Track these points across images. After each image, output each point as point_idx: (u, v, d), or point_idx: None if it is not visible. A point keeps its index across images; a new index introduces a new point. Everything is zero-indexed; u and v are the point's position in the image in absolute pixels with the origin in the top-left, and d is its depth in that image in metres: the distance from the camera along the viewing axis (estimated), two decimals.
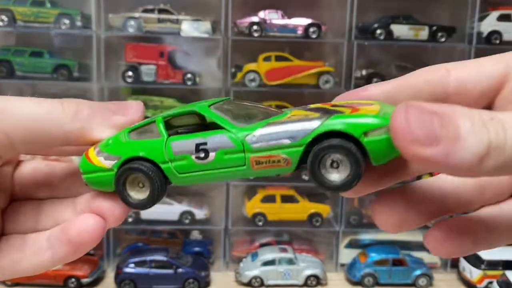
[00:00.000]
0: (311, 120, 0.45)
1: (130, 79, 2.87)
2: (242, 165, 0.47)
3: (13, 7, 2.79)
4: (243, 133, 0.47)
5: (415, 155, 0.38)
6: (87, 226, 0.50)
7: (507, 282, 2.57)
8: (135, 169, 0.50)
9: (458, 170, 0.37)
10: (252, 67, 2.90)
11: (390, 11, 2.93)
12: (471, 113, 0.38)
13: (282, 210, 3.00)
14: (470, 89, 0.47)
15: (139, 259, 2.77)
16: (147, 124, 0.52)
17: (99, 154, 0.51)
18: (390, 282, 2.88)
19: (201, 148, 0.48)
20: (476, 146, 0.36)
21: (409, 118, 0.38)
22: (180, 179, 0.50)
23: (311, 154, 0.45)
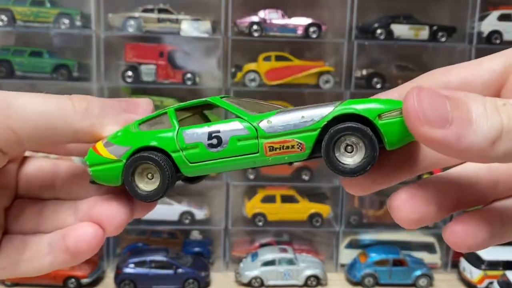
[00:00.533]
0: (324, 106, 0.46)
1: (130, 79, 2.86)
2: (255, 152, 0.47)
3: (12, 7, 2.79)
4: (257, 120, 0.48)
5: (426, 137, 0.38)
6: (85, 236, 0.49)
7: (507, 282, 2.57)
8: (146, 158, 0.49)
9: (469, 153, 0.38)
10: (252, 67, 2.89)
11: (390, 11, 2.93)
12: (483, 99, 0.38)
13: (282, 210, 3.00)
14: (473, 84, 0.47)
15: (139, 259, 2.77)
16: (158, 115, 0.52)
17: (107, 146, 0.50)
18: (390, 283, 2.87)
19: (214, 135, 0.48)
20: (487, 130, 0.37)
21: (422, 99, 0.38)
22: (192, 169, 0.49)
23: (326, 136, 0.45)
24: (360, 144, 0.45)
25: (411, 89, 0.39)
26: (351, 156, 0.46)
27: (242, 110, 0.49)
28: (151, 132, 0.50)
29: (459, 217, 0.45)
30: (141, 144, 0.49)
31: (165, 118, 0.51)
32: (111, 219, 0.50)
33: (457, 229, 0.45)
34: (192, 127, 0.49)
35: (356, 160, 0.45)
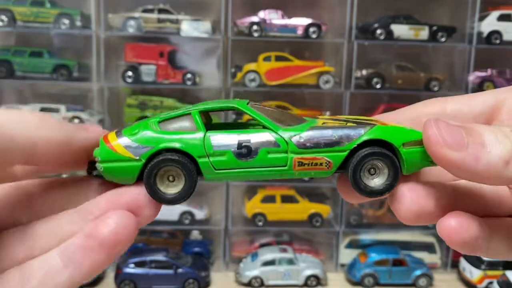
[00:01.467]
0: (354, 128, 0.49)
1: (130, 79, 2.86)
2: (283, 166, 0.48)
3: (13, 7, 2.79)
4: (289, 134, 0.48)
5: (447, 159, 0.43)
6: (121, 222, 0.44)
7: (507, 282, 2.57)
8: (174, 161, 0.47)
9: (485, 174, 0.42)
10: (252, 67, 2.89)
11: (390, 11, 2.93)
12: (492, 127, 0.44)
13: (282, 210, 3.00)
14: (466, 114, 0.52)
15: (139, 259, 2.77)
16: (180, 115, 0.50)
17: (123, 142, 0.48)
18: (390, 282, 2.87)
19: (244, 145, 0.48)
20: (501, 151, 0.42)
21: (440, 127, 0.43)
22: (216, 175, 0.48)
23: (355, 158, 0.48)
24: (384, 169, 0.49)
25: (428, 120, 0.45)
26: (372, 178, 0.49)
27: (272, 122, 0.49)
28: (174, 133, 0.48)
29: (453, 212, 0.47)
30: (164, 146, 0.48)
31: (189, 119, 0.49)
32: (147, 199, 0.47)
33: (451, 222, 0.46)
34: (220, 132, 0.48)
35: (377, 183, 0.49)
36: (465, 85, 2.95)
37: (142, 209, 0.47)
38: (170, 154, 0.48)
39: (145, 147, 0.48)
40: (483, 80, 2.96)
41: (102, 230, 0.44)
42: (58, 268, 0.44)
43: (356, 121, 0.51)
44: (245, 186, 3.12)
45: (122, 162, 0.48)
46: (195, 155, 0.48)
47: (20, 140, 0.43)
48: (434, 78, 2.97)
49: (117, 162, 0.48)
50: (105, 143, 0.48)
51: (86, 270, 0.44)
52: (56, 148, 0.46)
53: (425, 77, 2.98)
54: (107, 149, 0.48)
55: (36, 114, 0.45)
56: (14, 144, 0.43)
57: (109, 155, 0.48)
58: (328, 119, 0.53)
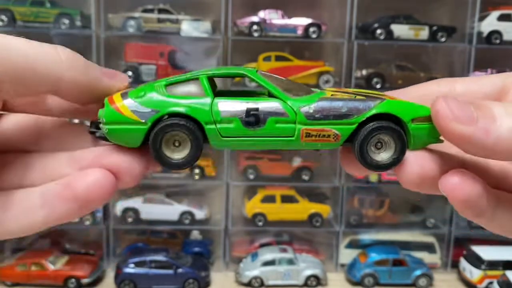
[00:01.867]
0: (364, 101, 0.48)
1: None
2: (291, 136, 0.48)
3: (13, 7, 2.79)
4: (298, 104, 0.47)
5: (456, 133, 0.42)
6: (98, 181, 0.45)
7: (507, 282, 2.57)
8: (180, 126, 0.47)
9: (497, 147, 0.41)
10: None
11: (390, 11, 2.93)
12: (501, 103, 0.43)
13: (282, 210, 3.00)
14: (475, 94, 0.52)
15: (139, 259, 2.77)
16: (188, 80, 0.49)
17: (130, 105, 0.47)
18: (390, 282, 2.87)
19: (252, 113, 0.47)
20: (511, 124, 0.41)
21: (449, 103, 0.43)
22: (222, 142, 0.48)
23: (363, 131, 0.48)
24: (391, 144, 0.49)
25: (437, 97, 0.44)
26: (379, 153, 0.49)
27: (281, 91, 0.48)
28: (181, 97, 0.48)
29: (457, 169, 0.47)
30: (171, 110, 0.47)
31: (197, 84, 0.49)
32: (129, 166, 0.47)
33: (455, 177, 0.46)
34: (228, 98, 0.48)
35: (383, 157, 0.49)
36: None
37: (123, 174, 0.47)
38: (177, 119, 0.47)
39: (152, 111, 0.47)
40: None
41: (80, 184, 0.45)
42: (35, 207, 0.45)
43: (366, 95, 0.50)
44: (245, 186, 3.12)
45: (128, 124, 0.47)
46: (202, 121, 0.47)
47: (43, 74, 0.44)
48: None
49: (122, 124, 0.47)
50: (110, 104, 0.47)
51: (58, 216, 0.46)
52: (79, 89, 0.47)
53: (425, 77, 2.98)
54: (113, 110, 0.47)
55: (66, 53, 0.47)
56: (36, 76, 0.44)
57: (114, 116, 0.47)
58: (336, 91, 0.53)
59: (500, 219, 0.47)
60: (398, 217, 3.11)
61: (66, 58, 0.46)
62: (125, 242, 3.08)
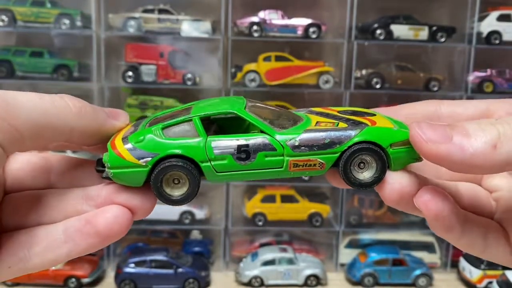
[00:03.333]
0: (345, 130, 0.52)
1: (130, 79, 2.87)
2: (279, 167, 0.52)
3: (13, 7, 2.80)
4: (284, 137, 0.52)
5: (434, 153, 0.44)
6: (117, 218, 0.49)
7: (507, 282, 2.57)
8: (178, 167, 0.51)
9: (475, 161, 0.42)
10: (252, 67, 2.90)
11: (390, 11, 2.93)
12: (475, 121, 0.45)
13: (282, 210, 3.01)
14: (459, 113, 0.55)
15: (139, 259, 2.77)
16: (183, 121, 0.53)
17: (131, 150, 0.51)
18: (390, 282, 2.88)
19: (242, 149, 0.51)
20: (486, 137, 0.42)
21: (422, 127, 0.45)
22: (217, 177, 0.52)
23: (345, 155, 0.52)
24: (373, 164, 0.52)
25: (411, 124, 0.47)
26: (361, 172, 0.53)
27: (268, 126, 0.53)
28: (177, 139, 0.52)
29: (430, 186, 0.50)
30: (169, 152, 0.51)
31: (190, 125, 0.53)
32: (141, 202, 0.51)
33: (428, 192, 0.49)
34: (220, 137, 0.52)
35: (366, 176, 0.53)
36: (465, 85, 2.95)
37: (137, 210, 0.51)
38: (175, 160, 0.51)
39: (151, 154, 0.51)
40: (483, 80, 2.97)
41: (100, 221, 0.49)
42: (59, 242, 0.49)
43: (349, 119, 0.55)
44: (245, 186, 3.12)
45: (130, 168, 0.51)
46: (197, 160, 0.51)
47: (60, 127, 0.49)
48: (433, 78, 2.97)
49: (126, 168, 0.51)
50: (113, 149, 0.52)
51: (81, 249, 0.50)
52: (89, 134, 0.52)
53: (425, 77, 2.98)
54: (116, 156, 0.51)
55: (74, 102, 0.50)
56: (54, 131, 0.48)
57: (117, 161, 0.51)
58: (320, 114, 0.57)
59: (467, 237, 0.51)
60: (398, 217, 3.12)
61: (75, 108, 0.50)
62: (125, 241, 3.09)
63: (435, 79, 2.97)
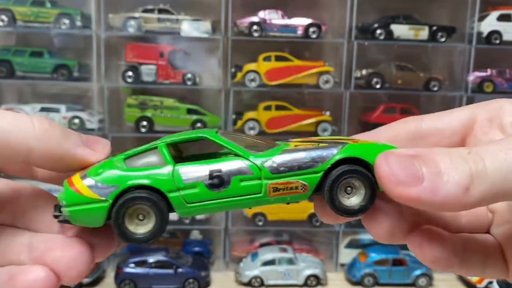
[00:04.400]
0: (327, 148, 0.47)
1: (130, 79, 2.87)
2: (258, 193, 0.46)
3: (13, 7, 2.79)
4: (261, 159, 0.46)
5: (403, 197, 0.40)
6: (36, 282, 0.44)
7: (507, 282, 2.57)
8: (142, 198, 0.46)
9: (446, 204, 0.40)
10: (252, 67, 2.90)
11: (390, 11, 2.93)
12: (448, 151, 0.41)
13: (282, 210, 3.00)
14: (442, 129, 0.52)
15: (139, 259, 2.77)
16: (147, 150, 0.48)
17: (88, 183, 0.46)
18: (390, 282, 2.88)
19: (215, 175, 0.46)
20: (458, 178, 0.39)
21: (390, 164, 0.41)
22: (188, 209, 0.46)
23: (329, 178, 0.46)
24: (361, 188, 0.47)
25: (379, 156, 0.42)
26: (348, 198, 0.47)
27: (242, 148, 0.47)
28: (141, 169, 0.46)
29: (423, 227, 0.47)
30: (132, 183, 0.46)
31: (156, 153, 0.47)
32: (69, 269, 0.46)
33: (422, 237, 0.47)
34: (189, 164, 0.46)
35: (353, 202, 0.47)
36: (465, 85, 2.95)
37: (63, 275, 0.46)
38: (138, 191, 0.46)
39: (111, 187, 0.45)
40: (483, 80, 2.97)
41: (19, 283, 0.44)
42: None
43: (329, 141, 0.50)
44: None
45: (88, 204, 0.45)
46: (164, 190, 0.46)
47: (14, 146, 0.44)
48: (434, 78, 2.97)
49: (83, 205, 0.45)
50: (69, 186, 0.46)
51: None
52: (51, 159, 0.46)
53: (425, 77, 2.98)
54: (72, 192, 0.46)
55: (41, 124, 0.46)
56: (7, 149, 0.44)
57: (74, 198, 0.45)
58: (300, 141, 0.52)
59: (468, 266, 0.48)
60: None
61: (39, 130, 0.45)
62: None
63: (435, 79, 2.97)
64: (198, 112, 2.93)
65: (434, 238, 0.46)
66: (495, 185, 0.39)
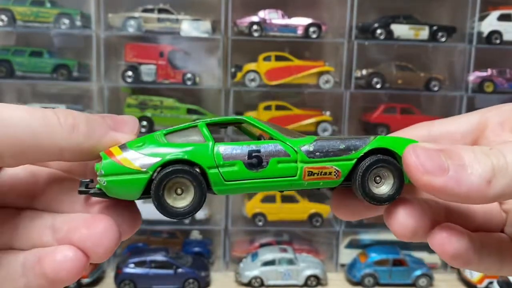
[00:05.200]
0: (359, 139, 0.50)
1: (130, 79, 2.86)
2: (294, 175, 0.48)
3: (13, 7, 2.79)
4: (298, 144, 0.49)
5: (429, 186, 0.43)
6: (64, 262, 0.44)
7: (507, 282, 2.57)
8: (184, 172, 0.46)
9: (469, 195, 0.42)
10: (252, 67, 2.90)
11: (390, 11, 2.93)
12: (471, 147, 0.44)
13: (282, 210, 3.00)
14: (453, 135, 0.54)
15: (139, 259, 2.77)
16: (187, 128, 0.49)
17: (129, 154, 0.46)
18: (390, 282, 2.87)
19: (254, 155, 0.47)
20: (482, 171, 0.42)
21: (419, 155, 0.44)
22: (226, 187, 0.47)
23: (362, 166, 0.49)
24: (390, 178, 0.50)
25: (407, 148, 0.45)
26: (377, 187, 0.50)
27: (280, 133, 0.49)
28: (182, 145, 0.47)
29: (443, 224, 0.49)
30: (172, 156, 0.46)
31: (196, 131, 0.49)
32: (96, 246, 0.45)
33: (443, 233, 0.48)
34: (229, 143, 0.47)
35: (382, 191, 0.50)
36: (465, 85, 2.95)
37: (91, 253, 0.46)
38: (179, 165, 0.46)
39: (153, 158, 0.46)
40: (483, 80, 2.96)
41: (48, 262, 0.44)
42: (17, 274, 0.45)
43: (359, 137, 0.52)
44: None
45: (128, 175, 0.46)
46: (204, 166, 0.46)
47: (47, 147, 0.45)
48: (434, 78, 2.97)
49: (122, 175, 0.46)
50: (109, 156, 0.46)
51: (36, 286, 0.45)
52: (83, 153, 0.47)
53: (425, 77, 2.98)
54: (112, 162, 0.46)
55: (67, 118, 0.46)
56: (41, 151, 0.44)
57: (113, 168, 0.46)
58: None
59: (486, 263, 0.50)
60: None
61: (66, 127, 0.45)
62: (125, 242, 3.08)
63: (436, 79, 2.96)
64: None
65: (454, 234, 0.48)
66: None
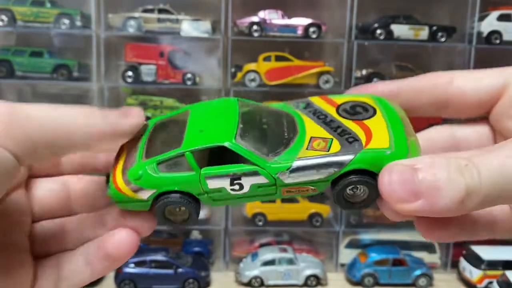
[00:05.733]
0: (338, 155, 0.52)
1: (130, 79, 2.86)
2: (274, 193, 0.54)
3: (13, 7, 2.79)
4: (275, 169, 0.53)
5: (403, 212, 0.45)
6: (123, 240, 0.54)
7: (507, 282, 2.57)
8: (176, 202, 0.55)
9: (444, 214, 0.44)
10: (252, 67, 2.90)
11: (390, 11, 2.93)
12: (448, 162, 0.44)
13: (282, 210, 3.00)
14: (469, 98, 0.55)
15: (139, 259, 2.77)
16: (176, 157, 0.54)
17: (132, 188, 0.54)
18: (390, 282, 2.88)
19: (235, 182, 0.53)
20: (454, 193, 0.43)
21: (391, 181, 0.45)
22: (215, 204, 0.56)
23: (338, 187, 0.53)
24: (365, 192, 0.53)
25: (382, 171, 0.47)
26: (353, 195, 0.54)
27: (259, 157, 0.53)
28: (173, 176, 0.54)
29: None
30: (166, 188, 0.54)
31: (183, 160, 0.54)
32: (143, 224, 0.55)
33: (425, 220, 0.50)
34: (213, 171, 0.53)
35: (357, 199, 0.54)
36: None
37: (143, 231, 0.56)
38: (173, 196, 0.54)
39: (150, 191, 0.54)
40: None
41: (109, 244, 0.54)
42: (81, 266, 0.54)
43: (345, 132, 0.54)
44: None
45: (133, 202, 0.55)
46: (195, 194, 0.55)
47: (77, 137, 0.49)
48: None
49: (129, 202, 0.54)
50: (114, 184, 0.54)
51: (100, 272, 0.54)
52: (105, 139, 0.52)
53: None
54: (117, 192, 0.54)
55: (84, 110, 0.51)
56: (68, 138, 0.49)
57: (121, 198, 0.54)
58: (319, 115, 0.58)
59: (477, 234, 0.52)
60: None
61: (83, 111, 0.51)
62: None
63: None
64: None
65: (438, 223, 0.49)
66: (490, 197, 0.43)
